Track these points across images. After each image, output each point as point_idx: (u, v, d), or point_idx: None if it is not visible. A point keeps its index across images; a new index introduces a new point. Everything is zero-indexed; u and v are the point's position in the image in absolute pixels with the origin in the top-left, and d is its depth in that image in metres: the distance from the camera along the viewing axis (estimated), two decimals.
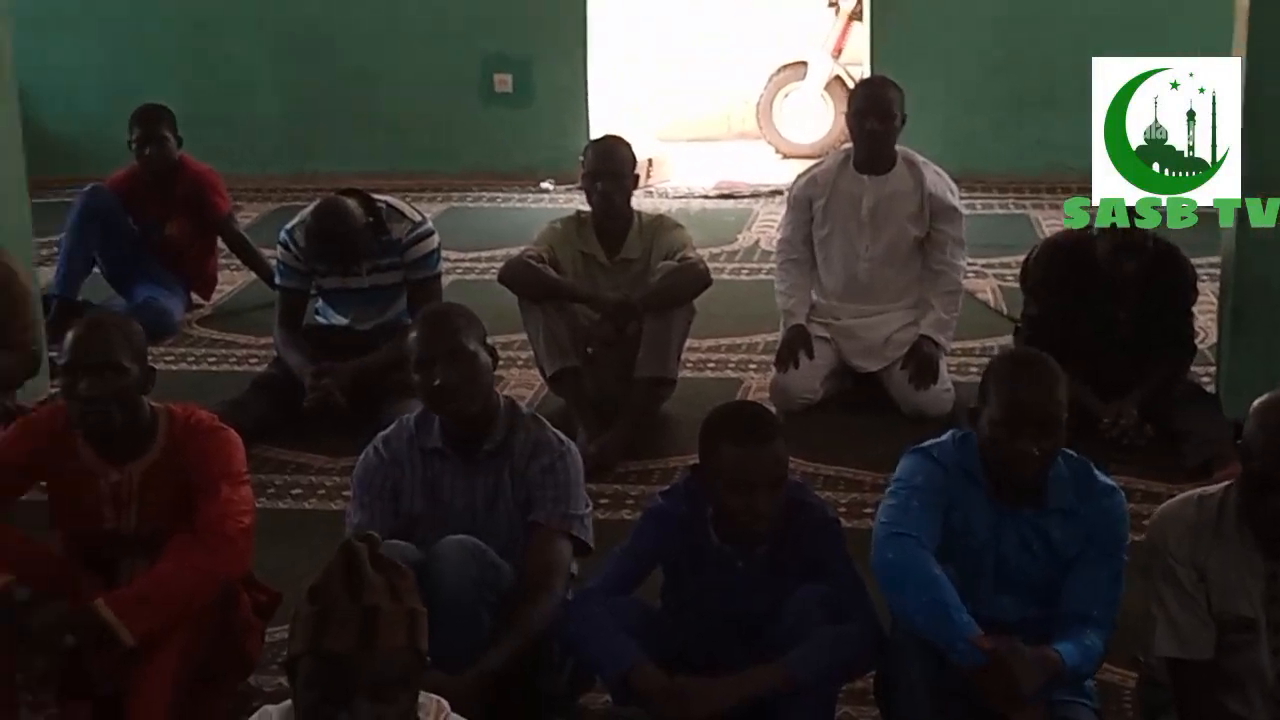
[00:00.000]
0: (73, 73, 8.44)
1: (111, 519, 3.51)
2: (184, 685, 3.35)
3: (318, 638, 2.28)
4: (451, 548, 3.36)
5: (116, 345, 3.40)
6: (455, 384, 3.49)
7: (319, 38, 8.43)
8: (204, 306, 6.54)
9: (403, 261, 5.29)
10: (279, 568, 3.88)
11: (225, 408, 4.71)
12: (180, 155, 6.31)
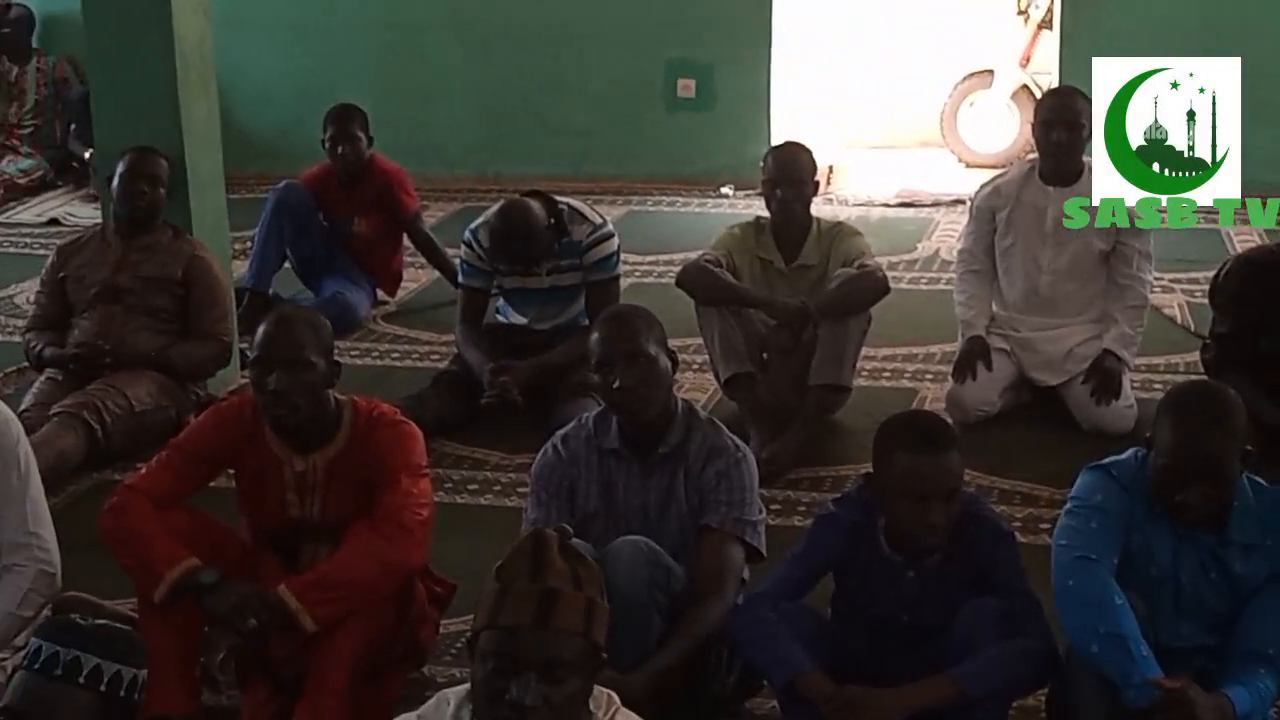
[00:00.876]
0: (269, 72, 8.69)
1: (295, 507, 3.61)
2: (360, 672, 3.44)
3: (496, 612, 2.37)
4: (625, 548, 3.40)
5: (305, 340, 3.50)
6: (634, 386, 3.52)
7: (508, 42, 8.56)
8: (389, 303, 6.69)
9: (582, 263, 5.35)
10: (455, 561, 3.96)
11: (407, 402, 4.81)
12: (371, 154, 6.46)
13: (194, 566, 3.42)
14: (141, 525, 3.48)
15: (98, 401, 5.03)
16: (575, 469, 3.62)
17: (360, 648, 3.42)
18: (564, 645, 2.36)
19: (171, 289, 5.27)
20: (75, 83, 8.45)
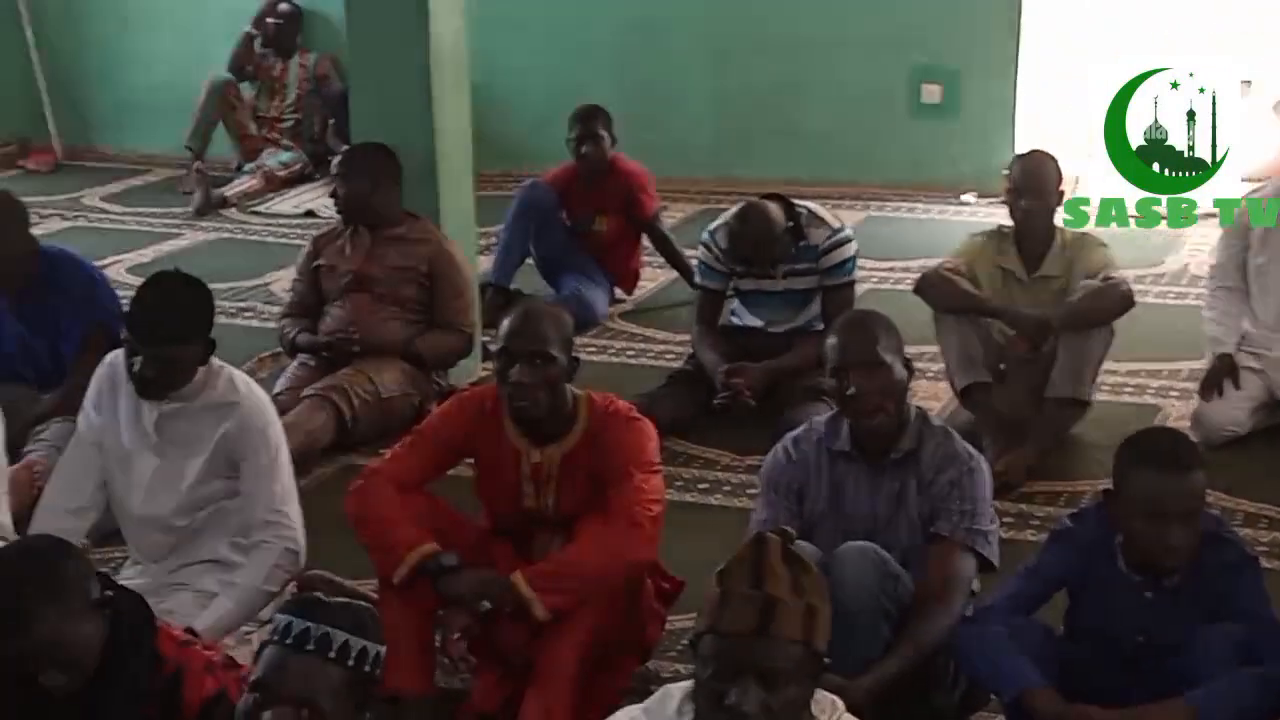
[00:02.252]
0: (519, 72, 8.84)
1: (530, 497, 3.68)
2: (588, 662, 3.50)
3: (717, 617, 2.39)
4: (852, 553, 3.39)
5: (548, 335, 3.56)
6: (868, 394, 3.51)
7: (751, 44, 8.57)
8: (626, 301, 6.76)
9: (818, 267, 5.34)
10: (682, 558, 3.98)
11: (641, 399, 4.87)
12: (614, 154, 6.54)
13: (433, 550, 3.52)
14: (384, 509, 3.60)
15: (346, 386, 5.20)
16: (805, 472, 3.62)
17: (589, 638, 3.47)
18: (783, 653, 2.37)
19: (418, 280, 5.42)
20: (335, 79, 8.72)
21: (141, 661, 2.76)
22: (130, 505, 3.87)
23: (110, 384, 3.86)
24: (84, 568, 2.78)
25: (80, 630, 2.70)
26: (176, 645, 2.83)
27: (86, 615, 2.72)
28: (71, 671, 2.71)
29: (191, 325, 3.72)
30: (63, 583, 2.70)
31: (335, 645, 2.40)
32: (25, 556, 2.76)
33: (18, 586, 2.66)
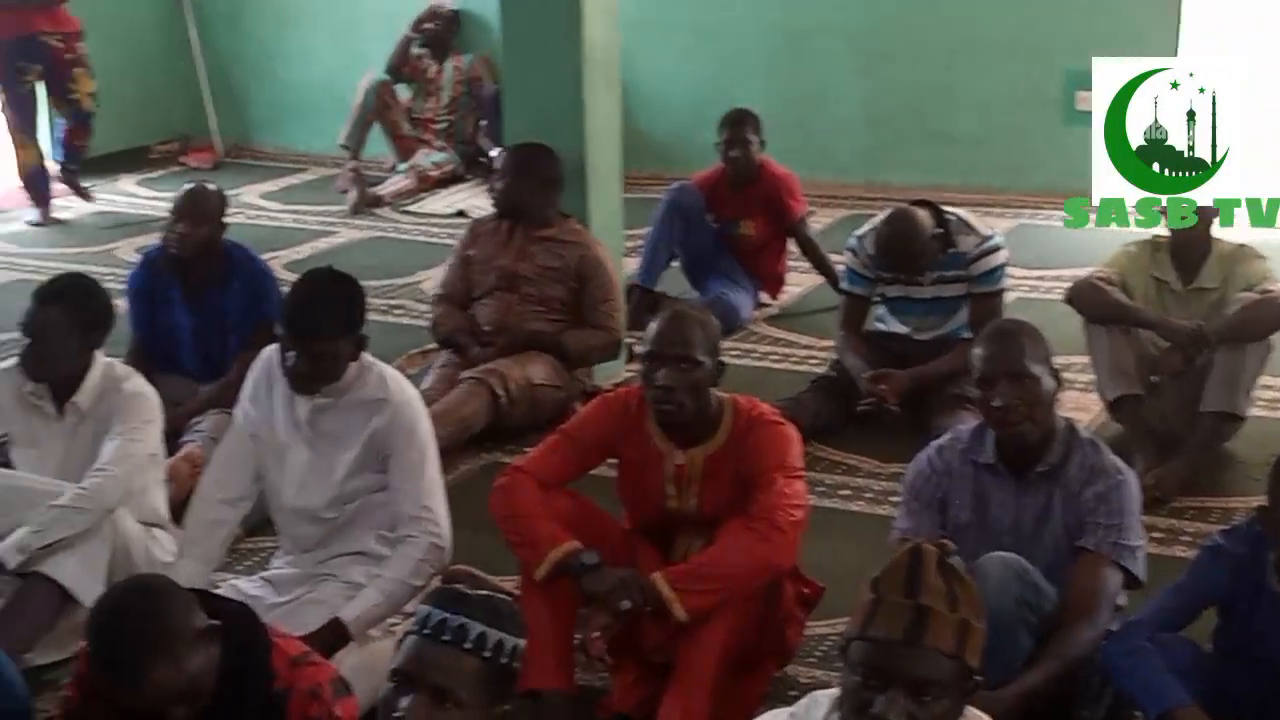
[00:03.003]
0: (668, 75, 8.88)
1: (673, 499, 3.70)
2: (727, 665, 3.50)
3: (867, 623, 2.38)
4: (995, 564, 3.36)
5: (695, 339, 3.58)
6: (1014, 406, 3.47)
7: (900, 49, 8.51)
8: (771, 305, 6.76)
9: (967, 274, 5.30)
10: (823, 564, 3.98)
11: (785, 404, 4.86)
12: (762, 158, 6.54)
13: (575, 548, 3.56)
14: (528, 506, 3.64)
15: (502, 371, 5.28)
16: (949, 481, 3.60)
17: (729, 641, 3.48)
18: (934, 665, 2.34)
19: (566, 281, 5.47)
20: (488, 81, 8.83)
21: (257, 680, 2.82)
22: (283, 497, 3.96)
23: (266, 378, 3.96)
24: (185, 602, 2.82)
25: (193, 665, 2.76)
26: (289, 664, 2.87)
27: (196, 649, 2.77)
28: (193, 703, 2.77)
29: (343, 321, 3.80)
30: (168, 628, 2.75)
31: (472, 636, 2.43)
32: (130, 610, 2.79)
33: (127, 641, 2.73)
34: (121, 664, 2.73)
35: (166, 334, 5.21)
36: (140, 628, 2.74)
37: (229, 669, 2.78)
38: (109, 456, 4.04)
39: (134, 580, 2.96)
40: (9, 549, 3.89)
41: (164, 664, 2.72)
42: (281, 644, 2.90)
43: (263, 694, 2.79)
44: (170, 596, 2.82)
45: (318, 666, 2.90)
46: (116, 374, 4.21)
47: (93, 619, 2.83)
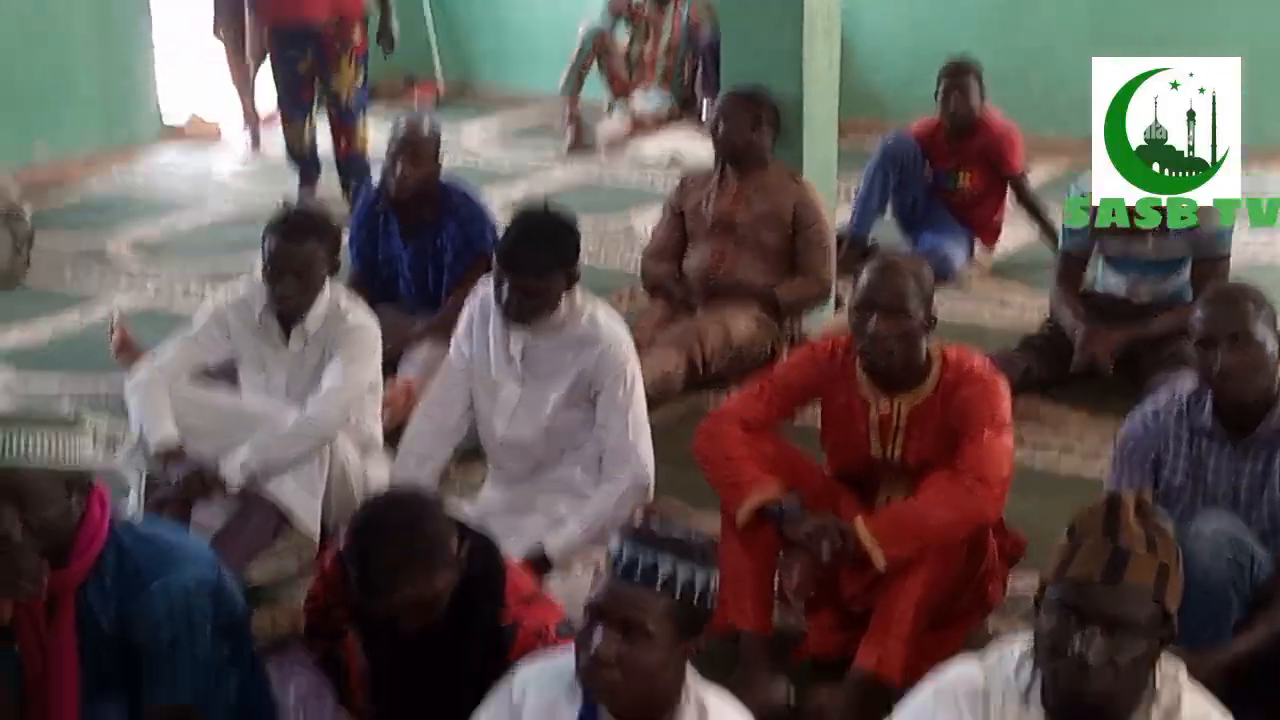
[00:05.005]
0: (886, 24, 8.76)
1: (876, 448, 3.69)
2: (926, 615, 3.50)
3: (1065, 564, 2.37)
4: (1209, 526, 3.29)
5: (907, 289, 3.55)
6: (1235, 369, 3.39)
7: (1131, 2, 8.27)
8: (985, 258, 6.65)
9: (1192, 235, 5.13)
10: (1028, 520, 3.94)
11: (996, 358, 4.79)
12: (982, 110, 6.44)
13: (777, 493, 3.58)
14: (731, 448, 3.66)
15: (701, 333, 5.30)
16: (1163, 442, 3.52)
17: (928, 592, 3.47)
18: (1132, 605, 2.33)
19: (780, 227, 5.46)
20: (707, 27, 8.81)
21: (489, 609, 2.90)
22: (494, 430, 4.05)
23: (481, 313, 4.04)
24: (448, 526, 2.91)
25: (439, 585, 2.87)
26: (520, 599, 2.94)
27: (446, 571, 2.87)
28: (425, 619, 2.88)
29: (557, 257, 3.86)
30: (430, 547, 2.85)
31: (664, 574, 2.46)
32: (396, 521, 2.89)
33: (392, 554, 2.83)
34: (378, 571, 2.83)
35: (385, 266, 5.35)
36: (404, 539, 2.84)
37: (464, 593, 2.87)
38: (330, 384, 4.17)
39: (402, 491, 3.06)
40: (232, 469, 4.05)
41: (418, 577, 2.82)
42: (516, 579, 2.97)
43: (492, 624, 2.87)
44: (434, 512, 2.92)
45: (547, 608, 2.97)
46: (341, 303, 4.33)
47: (357, 523, 2.93)
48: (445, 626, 2.88)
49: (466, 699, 2.75)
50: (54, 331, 6.07)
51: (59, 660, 3.01)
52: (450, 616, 2.87)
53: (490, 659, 2.85)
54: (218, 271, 6.56)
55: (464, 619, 2.87)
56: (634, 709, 2.54)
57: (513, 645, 2.86)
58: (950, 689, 2.52)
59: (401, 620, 2.87)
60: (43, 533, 2.90)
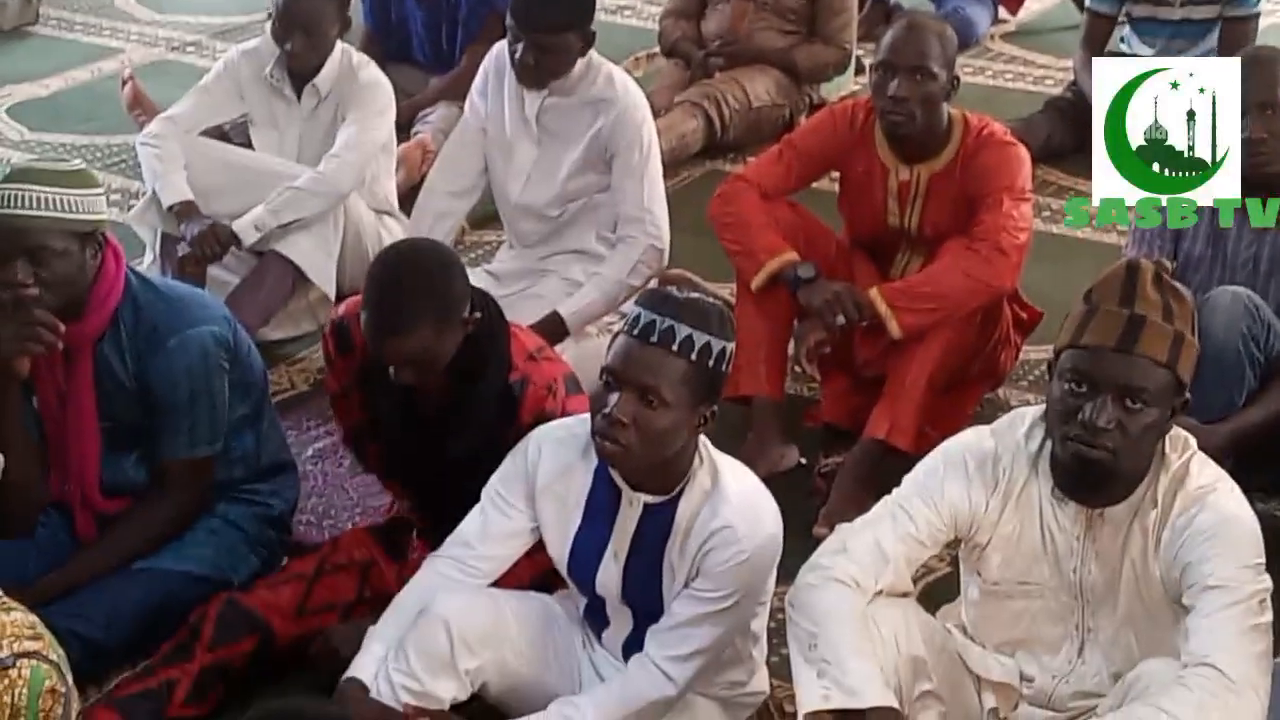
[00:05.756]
0: None
1: (894, 215, 3.67)
2: (938, 382, 3.52)
3: (1080, 331, 2.38)
4: (1225, 296, 3.28)
5: (931, 50, 3.49)
6: (1265, 138, 3.34)
7: None
8: (1008, 21, 6.53)
9: None
10: (1043, 289, 3.94)
11: (1016, 124, 4.74)
12: None
13: (793, 259, 3.57)
14: (748, 214, 3.65)
15: (718, 94, 5.24)
16: None
17: (942, 358, 3.49)
18: (1146, 372, 2.34)
19: None
20: None
21: (497, 368, 2.88)
22: (509, 192, 4.03)
23: (496, 73, 3.99)
24: (465, 285, 2.86)
25: (446, 343, 2.81)
26: (526, 357, 2.91)
27: (456, 330, 2.82)
28: (423, 376, 2.84)
29: (572, 15, 3.79)
30: (447, 301, 2.80)
31: (680, 338, 2.47)
32: (417, 267, 2.84)
33: (406, 294, 2.78)
34: (389, 307, 2.78)
35: (399, 25, 5.26)
36: (422, 282, 2.78)
37: (471, 354, 2.86)
38: (344, 143, 4.14)
39: (428, 241, 3.02)
40: (246, 226, 4.05)
41: (430, 328, 2.77)
42: (521, 336, 2.96)
43: (501, 382, 2.87)
44: (455, 266, 2.88)
45: (553, 362, 2.96)
46: (353, 61, 4.28)
47: (379, 260, 2.90)
48: (455, 389, 2.89)
49: (483, 462, 2.79)
50: (65, 84, 6.01)
51: (77, 412, 3.05)
52: (459, 378, 2.87)
53: (502, 418, 2.86)
54: (230, 24, 6.46)
55: (473, 379, 2.87)
56: (646, 472, 2.57)
57: (523, 401, 2.86)
58: (959, 452, 2.55)
59: (401, 375, 2.82)
60: (57, 287, 2.91)
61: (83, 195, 2.92)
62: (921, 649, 2.54)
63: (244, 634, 2.90)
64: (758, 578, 2.59)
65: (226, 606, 2.92)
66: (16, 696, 2.06)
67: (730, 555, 2.53)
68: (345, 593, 3.02)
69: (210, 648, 2.87)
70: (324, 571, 3.04)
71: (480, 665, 2.67)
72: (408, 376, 2.83)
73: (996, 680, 2.58)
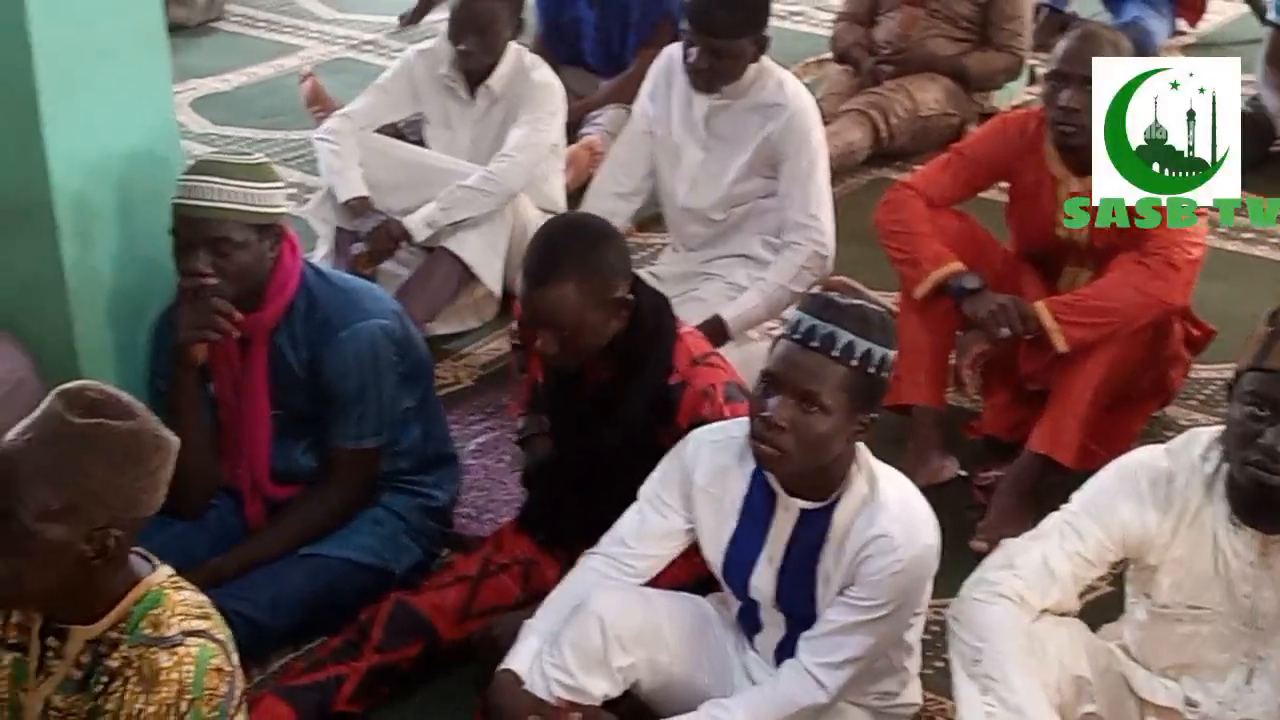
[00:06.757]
0: None
1: (1064, 227, 3.61)
2: (1103, 399, 3.46)
3: (1263, 354, 2.33)
4: None
5: None
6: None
7: None
8: (1188, 34, 6.40)
9: None
10: (1216, 307, 3.86)
11: None
12: None
13: (958, 269, 3.53)
14: (914, 222, 3.62)
15: (886, 102, 5.21)
16: None
17: (1109, 374, 3.43)
18: None
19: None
20: None
21: (656, 366, 2.88)
22: (675, 195, 4.05)
23: (666, 76, 4.01)
24: (622, 263, 2.87)
25: (592, 314, 2.79)
26: (689, 360, 2.91)
27: (602, 305, 2.81)
28: (569, 351, 2.83)
29: (747, 20, 3.79)
30: (596, 265, 2.81)
31: (841, 344, 2.46)
32: (575, 229, 2.91)
33: (558, 250, 2.80)
34: (538, 259, 2.81)
35: (571, 28, 5.31)
36: (578, 247, 2.81)
37: (632, 349, 2.87)
38: (514, 143, 4.21)
39: (596, 218, 3.05)
40: (417, 223, 4.13)
41: (573, 287, 2.76)
42: (688, 340, 2.96)
43: (659, 382, 2.88)
44: (613, 239, 2.90)
45: (716, 369, 2.95)
46: (526, 62, 4.34)
47: (546, 224, 2.96)
48: (614, 383, 2.90)
49: (636, 461, 2.81)
50: (247, 79, 6.17)
51: (251, 400, 3.13)
52: (619, 375, 2.89)
53: (658, 419, 2.88)
54: None
55: (633, 375, 2.88)
56: (803, 477, 2.57)
57: (679, 404, 2.87)
58: (1133, 471, 2.50)
59: (546, 345, 2.82)
60: (236, 277, 2.99)
61: (263, 188, 3.00)
62: (1086, 669, 2.51)
63: (411, 638, 2.96)
64: (913, 588, 2.58)
65: (396, 608, 2.97)
66: (183, 674, 2.11)
67: (886, 564, 2.52)
68: (509, 594, 3.06)
69: (379, 649, 2.92)
70: (488, 573, 3.08)
71: (633, 663, 2.69)
72: (551, 347, 2.82)
73: (1161, 704, 2.54)
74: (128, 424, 2.13)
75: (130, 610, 2.18)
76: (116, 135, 3.10)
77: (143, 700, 2.10)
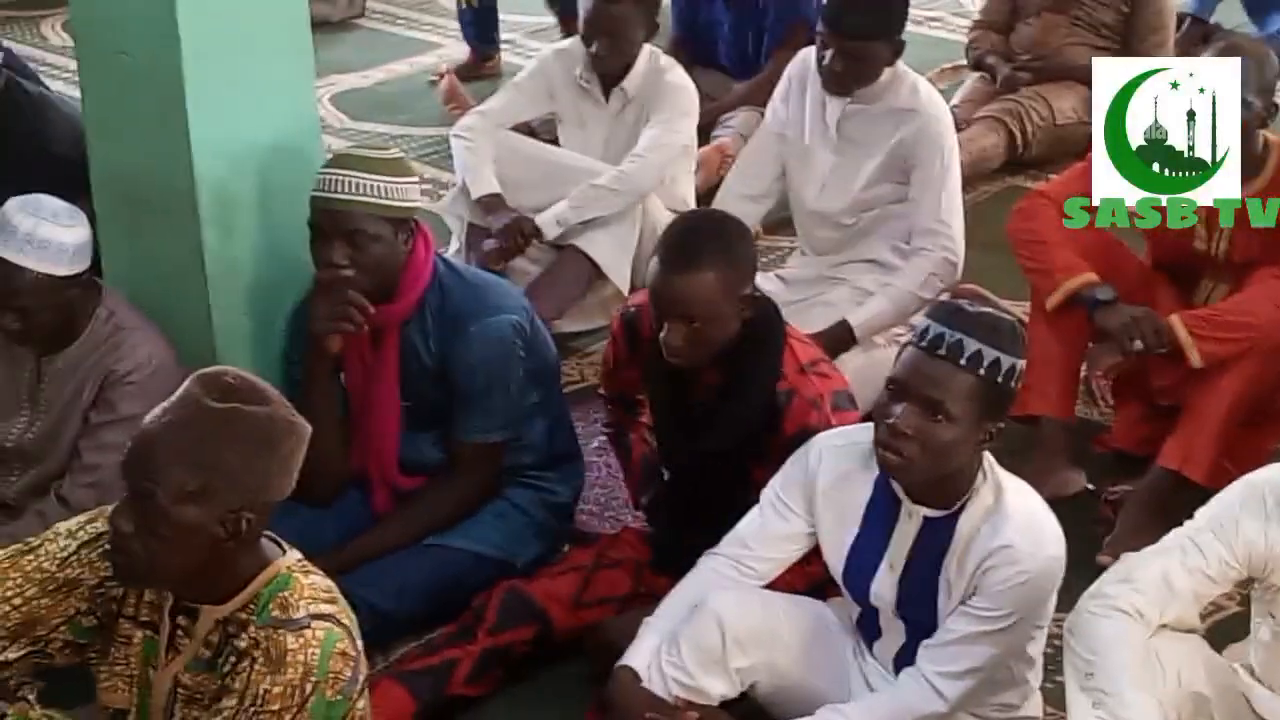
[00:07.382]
0: None
1: (1202, 240, 3.55)
2: (1238, 416, 3.40)
3: None
4: None
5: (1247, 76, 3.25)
6: None
7: None
8: None
9: None
10: None
11: None
12: None
13: (1091, 280, 3.49)
14: (1047, 232, 3.57)
15: (1022, 110, 5.16)
16: None
17: (1243, 391, 3.36)
18: None
19: (1118, 6, 5.23)
20: None
21: (764, 374, 2.88)
22: (805, 199, 4.04)
23: (800, 79, 4.00)
24: (754, 261, 2.90)
25: (724, 306, 2.79)
26: (798, 368, 2.90)
27: (734, 299, 2.81)
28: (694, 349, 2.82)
29: (884, 23, 3.78)
30: (737, 257, 2.84)
31: (968, 352, 2.44)
32: (715, 221, 2.96)
33: (700, 239, 2.83)
34: (681, 246, 2.82)
35: (705, 29, 5.32)
36: (716, 231, 2.86)
37: (743, 350, 2.88)
38: (646, 144, 4.23)
39: (733, 217, 3.06)
40: (549, 220, 4.17)
41: (713, 266, 2.77)
42: (797, 347, 2.95)
43: (767, 386, 2.88)
44: (748, 236, 2.96)
45: (825, 378, 2.94)
46: (660, 64, 4.36)
47: (681, 216, 3.05)
48: (722, 388, 2.90)
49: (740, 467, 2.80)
50: (385, 75, 6.26)
51: (381, 391, 3.18)
52: (726, 380, 2.89)
53: (764, 426, 2.87)
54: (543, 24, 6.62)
55: (742, 380, 2.89)
56: (927, 485, 2.56)
57: (787, 412, 2.86)
58: (1259, 488, 2.46)
59: (672, 339, 2.81)
60: (371, 269, 3.04)
61: (399, 183, 3.05)
62: (1205, 686, 2.47)
63: (524, 621, 2.98)
64: (1037, 600, 2.55)
65: (509, 593, 3.00)
66: (309, 656, 2.15)
67: (1010, 575, 2.50)
68: (621, 587, 3.08)
69: (492, 632, 2.96)
70: (601, 564, 3.10)
71: (751, 665, 2.69)
72: (677, 339, 2.81)
73: None
74: (262, 409, 2.17)
75: (259, 592, 2.22)
76: (259, 128, 3.17)
77: (269, 681, 2.14)
